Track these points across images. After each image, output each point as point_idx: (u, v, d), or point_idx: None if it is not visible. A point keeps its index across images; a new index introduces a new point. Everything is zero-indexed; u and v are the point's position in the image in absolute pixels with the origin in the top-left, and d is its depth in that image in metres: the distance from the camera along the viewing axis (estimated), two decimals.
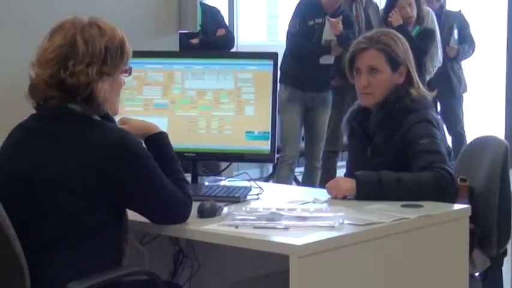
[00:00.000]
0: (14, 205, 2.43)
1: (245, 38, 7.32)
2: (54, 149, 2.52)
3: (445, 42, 7.06)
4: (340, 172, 5.09)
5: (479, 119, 8.01)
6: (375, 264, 2.63)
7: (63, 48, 2.53)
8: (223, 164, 3.65)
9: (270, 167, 7.74)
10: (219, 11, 6.71)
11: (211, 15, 6.40)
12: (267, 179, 7.33)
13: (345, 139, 5.61)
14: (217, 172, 3.71)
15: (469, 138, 6.68)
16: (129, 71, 2.67)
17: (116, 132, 2.56)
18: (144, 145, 2.64)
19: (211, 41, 6.22)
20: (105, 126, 2.57)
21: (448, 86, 7.07)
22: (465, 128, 7.45)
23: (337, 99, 6.34)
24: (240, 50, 7.03)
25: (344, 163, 5.10)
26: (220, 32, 6.36)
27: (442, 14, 7.11)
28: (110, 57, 2.55)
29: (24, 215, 2.46)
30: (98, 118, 2.58)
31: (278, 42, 7.53)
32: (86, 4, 2.66)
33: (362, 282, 2.60)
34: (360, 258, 2.58)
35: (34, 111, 2.62)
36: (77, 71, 2.51)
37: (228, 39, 6.47)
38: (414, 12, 6.04)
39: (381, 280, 2.65)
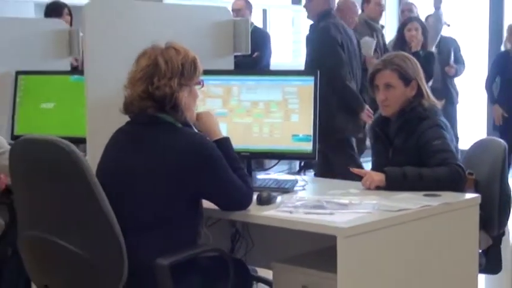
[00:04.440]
0: (115, 195, 2.42)
1: (274, 60, 7.26)
2: (145, 150, 2.52)
3: (445, 63, 7.04)
4: None
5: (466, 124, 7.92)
6: (405, 243, 2.60)
7: (148, 68, 2.54)
8: (272, 162, 3.60)
9: (296, 164, 7.67)
10: (266, 36, 6.66)
11: (253, 38, 6.37)
12: (296, 174, 7.29)
13: (367, 142, 5.64)
14: (265, 168, 3.67)
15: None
16: (202, 83, 2.67)
17: (195, 137, 2.56)
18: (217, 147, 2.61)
19: (241, 62, 6.14)
20: (187, 131, 2.57)
21: (450, 98, 7.05)
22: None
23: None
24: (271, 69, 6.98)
25: None
26: (255, 54, 6.33)
27: (440, 39, 7.06)
28: (186, 71, 2.57)
29: (121, 203, 2.44)
30: (180, 125, 2.57)
31: (301, 63, 7.45)
32: (162, 36, 2.68)
33: (395, 257, 2.57)
34: (393, 238, 2.55)
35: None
36: (161, 84, 2.51)
37: (254, 62, 6.40)
38: (421, 36, 5.95)
39: (410, 255, 2.62)
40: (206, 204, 2.62)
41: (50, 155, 2.41)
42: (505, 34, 7.11)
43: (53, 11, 5.39)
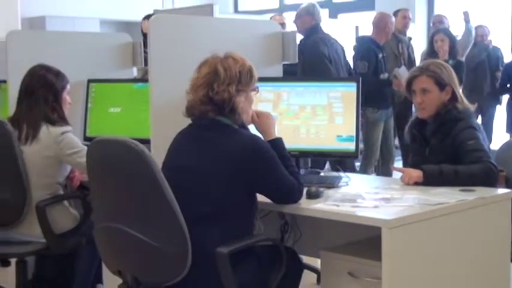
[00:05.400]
0: (179, 190, 2.42)
1: None
2: (206, 149, 2.52)
3: (495, 68, 7.10)
4: None
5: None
6: (443, 233, 2.56)
7: (209, 75, 2.54)
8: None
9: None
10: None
11: None
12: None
13: (396, 142, 5.58)
14: (310, 166, 3.65)
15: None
16: (257, 90, 2.66)
17: (251, 137, 2.54)
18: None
19: (291, 68, 6.14)
20: (243, 133, 2.56)
21: (496, 100, 7.08)
22: None
23: None
24: None
25: None
26: None
27: (491, 48, 7.17)
28: (243, 78, 2.56)
29: (185, 197, 2.44)
30: (237, 127, 2.56)
31: None
32: (218, 46, 2.68)
33: (434, 247, 2.53)
34: (432, 229, 2.51)
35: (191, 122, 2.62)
36: (220, 90, 2.51)
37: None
38: (447, 47, 5.87)
39: (447, 245, 2.58)
40: (258, 197, 2.60)
41: (122, 154, 2.42)
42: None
43: None
